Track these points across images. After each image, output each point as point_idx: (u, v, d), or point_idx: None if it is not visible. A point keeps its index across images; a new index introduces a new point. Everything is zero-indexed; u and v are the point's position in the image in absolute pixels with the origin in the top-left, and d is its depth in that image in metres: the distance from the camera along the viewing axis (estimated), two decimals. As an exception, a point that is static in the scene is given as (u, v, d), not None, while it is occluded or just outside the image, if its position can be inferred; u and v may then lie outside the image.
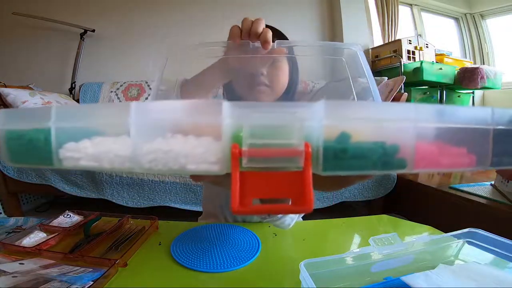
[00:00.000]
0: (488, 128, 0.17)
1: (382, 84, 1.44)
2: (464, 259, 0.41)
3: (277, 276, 0.42)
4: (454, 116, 0.17)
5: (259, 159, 0.14)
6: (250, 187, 0.14)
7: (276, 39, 0.53)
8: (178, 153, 0.15)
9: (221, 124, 0.14)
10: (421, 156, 0.16)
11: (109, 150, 0.16)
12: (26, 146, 0.17)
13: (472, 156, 0.17)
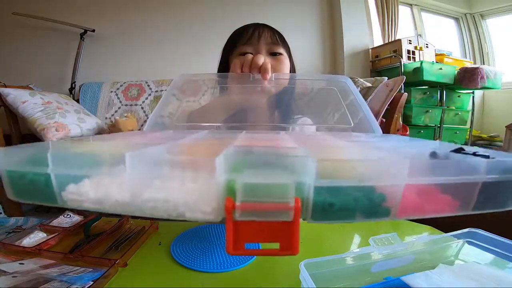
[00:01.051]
0: (477, 181, 0.17)
1: (382, 84, 1.44)
2: (464, 259, 0.41)
3: (277, 276, 0.42)
4: (447, 170, 0.17)
5: (251, 212, 0.16)
6: (243, 234, 0.16)
7: (278, 39, 0.54)
8: (177, 203, 0.17)
9: (215, 182, 0.16)
10: (406, 206, 0.17)
11: (110, 195, 0.17)
12: (28, 186, 0.18)
13: (456, 202, 0.18)
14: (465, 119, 2.25)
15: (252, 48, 0.56)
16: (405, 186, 0.16)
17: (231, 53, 0.59)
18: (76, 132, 1.58)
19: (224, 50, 0.63)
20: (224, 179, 0.16)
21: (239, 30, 0.60)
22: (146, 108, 1.98)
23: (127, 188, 0.17)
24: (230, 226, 0.16)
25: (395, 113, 1.43)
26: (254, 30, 0.56)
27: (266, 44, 0.56)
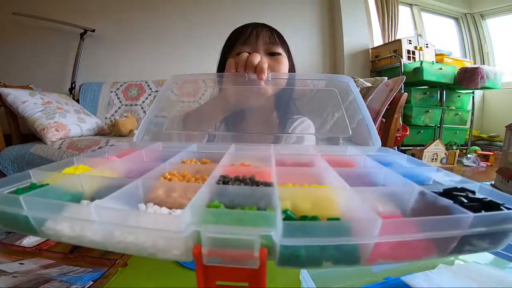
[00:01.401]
0: (458, 235, 0.17)
1: (382, 84, 1.44)
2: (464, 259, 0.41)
3: (277, 276, 0.42)
4: (433, 225, 0.16)
5: (219, 259, 0.16)
6: (213, 275, 0.17)
7: (276, 39, 0.53)
8: (146, 247, 0.18)
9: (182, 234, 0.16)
10: (377, 256, 0.16)
11: (84, 235, 0.19)
12: (11, 221, 0.20)
13: (433, 249, 0.17)
14: (465, 119, 2.25)
15: (250, 48, 0.55)
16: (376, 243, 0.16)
17: (229, 53, 0.59)
18: (76, 132, 1.58)
19: (223, 50, 0.62)
20: (191, 231, 0.17)
21: (238, 30, 0.59)
22: (146, 108, 1.98)
23: (98, 231, 0.18)
24: (200, 270, 0.16)
25: (395, 113, 1.42)
26: (252, 30, 0.55)
27: (264, 44, 0.55)
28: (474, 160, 1.75)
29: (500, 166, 1.15)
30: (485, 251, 0.19)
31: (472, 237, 0.17)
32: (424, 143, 1.86)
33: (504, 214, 0.17)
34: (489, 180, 1.25)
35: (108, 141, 1.40)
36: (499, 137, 2.37)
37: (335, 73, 2.36)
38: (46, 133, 1.43)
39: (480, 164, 1.73)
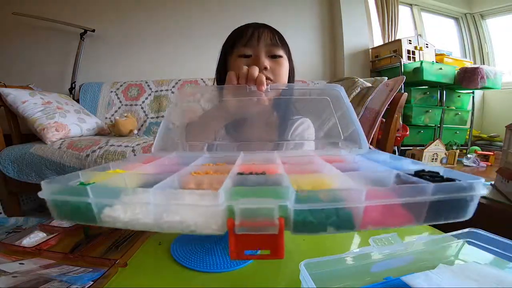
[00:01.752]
0: (426, 201, 0.21)
1: (382, 84, 1.44)
2: (464, 259, 0.41)
3: (277, 276, 0.42)
4: (404, 192, 0.21)
5: (247, 228, 0.20)
6: (242, 244, 0.21)
7: (278, 41, 0.53)
8: (189, 224, 0.22)
9: (219, 209, 0.21)
10: (367, 221, 0.21)
11: (137, 219, 0.22)
12: (71, 211, 0.23)
13: (411, 217, 0.22)
14: (465, 119, 2.25)
15: (251, 50, 0.55)
16: (364, 208, 0.21)
17: (230, 53, 0.58)
18: (76, 132, 1.58)
19: (223, 50, 0.62)
20: (225, 205, 0.21)
21: (239, 30, 0.58)
22: (146, 108, 1.98)
23: (151, 214, 0.22)
24: (232, 239, 0.21)
25: (395, 113, 1.43)
26: (254, 31, 0.55)
27: (265, 46, 0.56)
28: (474, 160, 1.74)
29: (500, 166, 1.15)
30: (456, 220, 0.23)
31: (438, 204, 0.22)
32: (424, 143, 1.86)
33: (458, 185, 0.22)
34: (489, 180, 1.25)
35: (108, 141, 1.40)
36: (499, 137, 2.37)
37: (335, 73, 2.36)
38: (46, 133, 1.43)
39: (480, 164, 1.73)
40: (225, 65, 0.60)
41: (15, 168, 1.37)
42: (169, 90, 2.03)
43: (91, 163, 1.30)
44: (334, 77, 2.29)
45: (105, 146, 1.34)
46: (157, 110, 1.98)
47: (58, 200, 0.23)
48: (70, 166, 1.32)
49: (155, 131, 1.95)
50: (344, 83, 1.50)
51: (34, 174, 1.37)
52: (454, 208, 0.22)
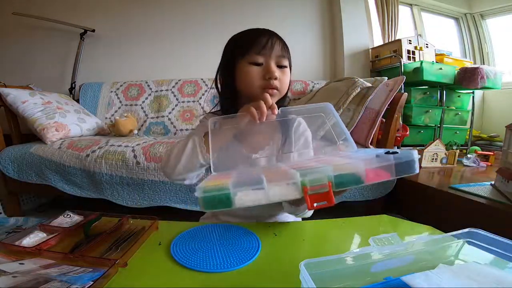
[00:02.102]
0: (391, 164, 0.36)
1: (382, 84, 1.44)
2: (464, 259, 0.41)
3: (277, 276, 0.42)
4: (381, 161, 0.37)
5: (313, 190, 0.34)
6: (312, 200, 0.34)
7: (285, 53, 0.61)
8: (283, 194, 0.35)
9: (298, 183, 0.35)
10: (368, 178, 0.36)
11: (257, 198, 0.35)
12: (216, 201, 0.34)
13: (388, 174, 0.36)
14: (465, 119, 2.24)
15: (263, 58, 0.58)
16: (365, 171, 0.35)
17: (240, 58, 0.59)
18: (76, 132, 1.59)
19: (231, 53, 0.62)
20: (300, 180, 0.35)
21: (252, 37, 0.59)
22: (146, 108, 1.99)
23: (262, 194, 0.35)
24: (307, 198, 0.34)
25: (395, 113, 1.42)
26: (268, 40, 0.58)
27: (276, 57, 0.59)
28: (474, 160, 1.74)
29: (500, 166, 1.15)
30: (410, 174, 0.37)
31: (397, 165, 0.36)
32: (424, 143, 1.86)
33: (403, 153, 0.37)
34: (489, 180, 1.25)
35: (108, 141, 1.40)
36: (499, 137, 2.37)
37: (335, 73, 2.36)
38: (46, 133, 1.43)
39: (480, 164, 1.72)
40: (231, 69, 0.61)
41: (15, 168, 1.37)
42: (169, 90, 2.03)
43: (91, 163, 1.30)
44: (334, 77, 2.29)
45: (105, 146, 1.34)
46: (157, 110, 1.98)
47: (207, 196, 0.34)
48: (70, 166, 1.32)
49: (155, 131, 1.95)
50: (344, 83, 1.50)
51: (34, 174, 1.37)
52: (405, 166, 0.37)
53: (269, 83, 0.58)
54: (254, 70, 0.58)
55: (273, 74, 0.57)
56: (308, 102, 1.66)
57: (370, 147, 1.41)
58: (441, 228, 0.56)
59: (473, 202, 1.05)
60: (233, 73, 0.60)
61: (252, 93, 0.59)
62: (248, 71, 0.58)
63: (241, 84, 0.60)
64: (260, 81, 0.58)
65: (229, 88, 0.62)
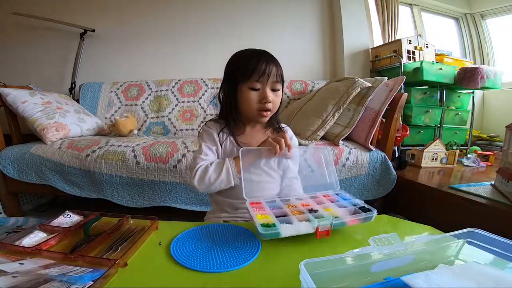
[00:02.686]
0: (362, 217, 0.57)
1: (382, 84, 1.44)
2: (464, 259, 0.41)
3: (277, 276, 0.42)
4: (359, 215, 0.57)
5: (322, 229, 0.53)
6: (319, 233, 0.53)
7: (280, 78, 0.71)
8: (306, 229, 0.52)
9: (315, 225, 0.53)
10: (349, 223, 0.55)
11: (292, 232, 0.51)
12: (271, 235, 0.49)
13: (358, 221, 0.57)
14: (465, 119, 2.24)
15: (260, 85, 0.69)
16: (348, 221, 0.55)
17: (242, 82, 0.70)
18: (76, 132, 1.58)
19: (234, 76, 0.71)
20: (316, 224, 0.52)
21: (253, 65, 0.68)
22: (146, 108, 1.99)
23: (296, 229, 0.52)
24: (318, 233, 0.51)
25: (395, 113, 1.42)
26: (266, 67, 0.68)
27: (271, 83, 0.70)
28: (474, 160, 1.74)
29: (500, 166, 1.15)
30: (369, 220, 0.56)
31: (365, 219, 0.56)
32: (424, 143, 1.86)
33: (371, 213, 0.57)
34: (489, 180, 1.25)
35: (108, 141, 1.40)
36: (499, 137, 2.36)
37: (335, 73, 2.36)
38: (46, 133, 1.43)
39: (480, 164, 1.72)
40: (234, 89, 0.72)
41: (15, 168, 1.37)
42: (169, 90, 2.03)
43: (91, 163, 1.30)
44: (334, 77, 2.29)
45: (105, 146, 1.34)
46: (157, 110, 1.98)
47: (267, 233, 0.48)
48: (70, 166, 1.32)
49: (155, 131, 1.95)
50: (344, 83, 1.50)
51: (34, 174, 1.37)
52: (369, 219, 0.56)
53: (264, 106, 0.70)
54: (253, 95, 0.69)
55: (268, 99, 0.69)
56: (308, 102, 1.66)
57: (370, 147, 1.41)
58: (441, 228, 0.56)
59: (473, 202, 1.05)
60: (235, 93, 0.71)
61: (250, 113, 0.72)
62: (247, 96, 0.70)
63: (241, 105, 0.72)
64: (257, 104, 0.70)
65: (231, 104, 0.73)
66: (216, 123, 0.78)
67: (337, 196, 0.67)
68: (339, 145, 1.42)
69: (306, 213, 0.55)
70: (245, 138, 0.77)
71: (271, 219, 0.52)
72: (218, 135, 0.75)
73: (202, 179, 0.68)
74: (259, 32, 2.23)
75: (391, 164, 1.40)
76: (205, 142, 0.75)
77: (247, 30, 2.24)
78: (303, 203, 0.62)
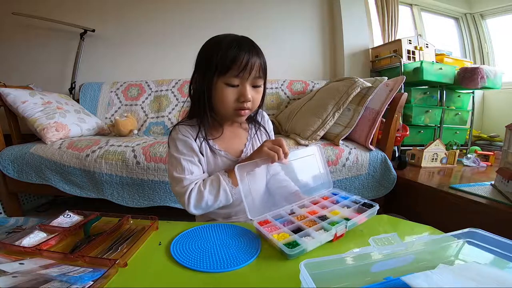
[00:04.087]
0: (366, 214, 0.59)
1: (382, 84, 1.44)
2: (464, 259, 0.41)
3: (277, 276, 0.42)
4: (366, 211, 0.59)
5: (338, 234, 0.54)
6: (336, 237, 0.54)
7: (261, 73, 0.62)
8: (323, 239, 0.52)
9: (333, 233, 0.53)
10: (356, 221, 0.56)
11: (314, 244, 0.50)
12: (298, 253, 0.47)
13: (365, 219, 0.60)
14: (465, 119, 2.24)
15: (239, 80, 0.59)
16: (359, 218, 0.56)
17: (218, 76, 0.59)
18: (76, 132, 1.58)
19: (209, 65, 0.60)
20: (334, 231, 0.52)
21: (232, 56, 0.57)
22: (146, 108, 1.99)
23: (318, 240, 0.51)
24: (335, 238, 0.52)
25: (395, 113, 1.42)
26: (247, 63, 0.57)
27: (252, 78, 0.60)
28: (474, 160, 1.74)
29: (500, 166, 1.15)
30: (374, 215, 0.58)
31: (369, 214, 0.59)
32: (424, 143, 1.86)
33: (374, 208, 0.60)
34: (489, 180, 1.25)
35: (108, 141, 1.40)
36: (499, 137, 2.37)
37: (335, 73, 2.36)
38: (46, 133, 1.43)
39: (480, 164, 1.72)
40: (208, 81, 0.60)
41: (15, 168, 1.37)
42: (169, 90, 2.03)
43: (91, 163, 1.30)
44: (334, 77, 2.29)
45: (105, 146, 1.34)
46: (157, 110, 1.98)
47: (293, 253, 0.46)
48: (70, 166, 1.32)
49: (155, 131, 1.95)
50: (344, 83, 1.50)
51: (34, 174, 1.37)
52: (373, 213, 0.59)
53: (242, 105, 0.61)
54: (229, 92, 0.59)
55: (247, 98, 0.60)
56: (308, 102, 1.66)
57: (370, 147, 1.41)
58: (441, 228, 0.56)
59: (473, 202, 1.05)
60: (209, 86, 0.60)
61: (226, 112, 0.63)
62: (223, 93, 0.59)
63: (216, 101, 0.62)
64: (234, 103, 0.61)
65: (204, 101, 0.62)
66: (188, 126, 0.66)
67: (335, 196, 0.67)
68: (339, 145, 1.42)
69: (319, 222, 0.54)
70: (224, 142, 0.68)
71: (290, 237, 0.49)
72: (195, 142, 0.64)
73: (198, 204, 0.61)
74: (259, 32, 2.23)
75: (391, 164, 1.40)
76: (184, 156, 0.63)
77: (247, 30, 2.23)
78: (308, 211, 0.60)
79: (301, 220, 0.56)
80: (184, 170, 0.62)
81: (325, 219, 0.55)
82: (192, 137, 0.64)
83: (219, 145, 0.67)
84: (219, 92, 0.60)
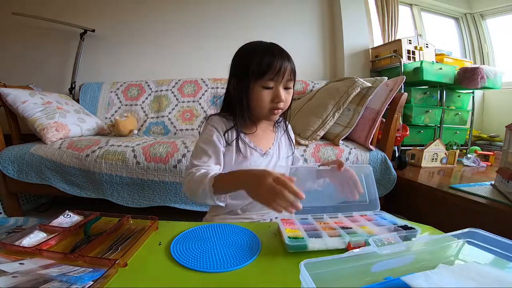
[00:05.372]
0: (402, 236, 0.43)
1: (382, 84, 1.44)
2: (464, 259, 0.41)
3: (277, 276, 0.42)
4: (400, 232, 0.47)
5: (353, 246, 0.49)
6: (350, 247, 0.49)
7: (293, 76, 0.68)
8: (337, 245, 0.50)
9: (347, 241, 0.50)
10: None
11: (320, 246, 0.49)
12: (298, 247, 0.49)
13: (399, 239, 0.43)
14: (465, 119, 2.24)
15: (274, 83, 0.66)
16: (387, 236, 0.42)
17: (255, 80, 0.66)
18: (76, 132, 1.58)
19: (246, 71, 0.66)
20: (348, 240, 0.49)
21: (267, 62, 0.64)
22: (146, 108, 1.98)
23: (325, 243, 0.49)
24: (349, 247, 0.48)
25: (395, 113, 1.42)
26: (281, 66, 0.65)
27: (285, 81, 0.67)
28: (474, 160, 1.74)
29: (500, 166, 1.15)
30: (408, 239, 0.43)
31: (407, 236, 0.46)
32: (424, 143, 1.86)
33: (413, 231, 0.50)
34: (489, 180, 1.25)
35: (108, 141, 1.40)
36: (499, 137, 2.37)
37: (335, 73, 2.36)
38: (46, 133, 1.43)
39: (480, 164, 1.72)
40: (246, 85, 0.67)
41: (15, 168, 1.37)
42: (169, 90, 2.03)
43: (91, 163, 1.30)
44: (334, 77, 2.29)
45: (105, 146, 1.34)
46: (157, 110, 1.98)
47: (293, 245, 0.47)
48: (70, 166, 1.32)
49: (155, 131, 1.95)
50: (344, 83, 1.50)
51: (34, 174, 1.37)
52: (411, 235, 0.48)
53: (276, 105, 0.68)
54: (265, 94, 0.67)
55: (281, 99, 0.67)
56: (308, 102, 1.66)
57: (370, 147, 1.41)
58: (441, 228, 0.56)
59: (473, 202, 1.05)
60: (247, 89, 0.67)
61: (262, 111, 0.69)
62: (260, 95, 0.67)
63: (252, 102, 0.69)
64: (270, 104, 0.68)
65: (242, 101, 0.69)
66: (223, 118, 0.73)
67: (376, 216, 0.62)
68: (339, 145, 1.42)
69: (338, 229, 0.52)
70: (255, 138, 0.74)
71: (300, 233, 0.50)
72: (224, 135, 0.70)
73: (188, 189, 0.65)
74: (259, 32, 2.24)
75: (391, 164, 1.40)
76: (205, 145, 0.69)
77: (247, 30, 2.24)
78: (336, 221, 0.58)
79: (322, 225, 0.56)
80: (198, 156, 0.69)
81: (345, 229, 0.53)
82: (222, 129, 0.71)
83: (249, 139, 0.74)
84: (256, 94, 0.67)
